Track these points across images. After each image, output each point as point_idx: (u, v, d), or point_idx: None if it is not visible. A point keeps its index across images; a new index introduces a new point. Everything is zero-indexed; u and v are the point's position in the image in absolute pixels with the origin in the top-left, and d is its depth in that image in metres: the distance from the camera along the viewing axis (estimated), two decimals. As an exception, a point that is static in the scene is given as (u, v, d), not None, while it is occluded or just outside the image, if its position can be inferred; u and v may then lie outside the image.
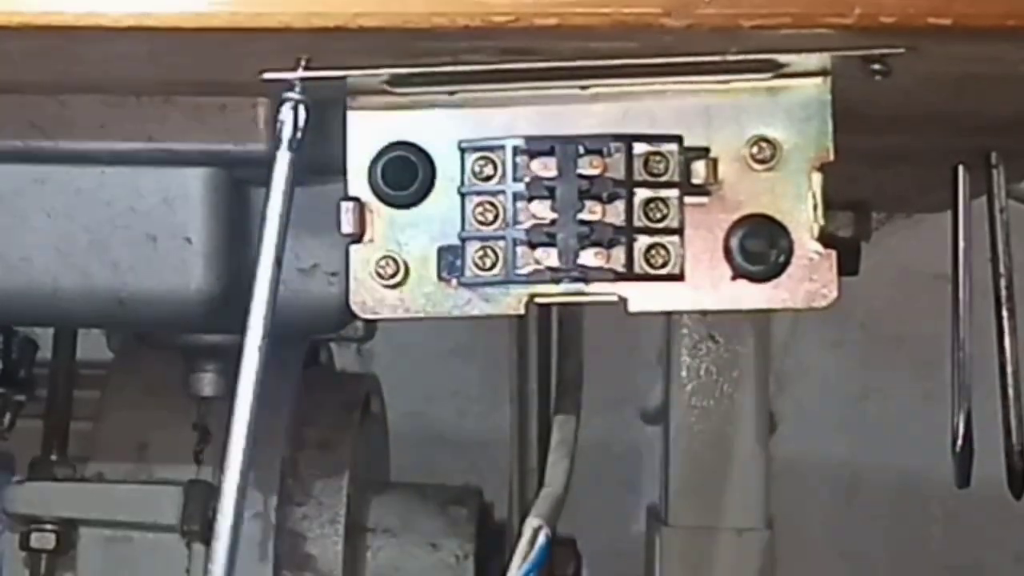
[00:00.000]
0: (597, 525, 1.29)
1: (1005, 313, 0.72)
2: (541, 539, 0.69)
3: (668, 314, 1.02)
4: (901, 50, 0.50)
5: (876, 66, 0.51)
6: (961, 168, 0.72)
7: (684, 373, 1.02)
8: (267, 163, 0.58)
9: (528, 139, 0.56)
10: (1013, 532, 1.43)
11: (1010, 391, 0.72)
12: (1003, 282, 0.72)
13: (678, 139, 0.56)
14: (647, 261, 0.56)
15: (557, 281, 0.56)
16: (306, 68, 0.53)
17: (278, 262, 0.54)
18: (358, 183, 0.57)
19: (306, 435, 1.02)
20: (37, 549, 0.99)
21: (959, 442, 0.73)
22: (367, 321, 1.08)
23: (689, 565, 1.02)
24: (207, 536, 0.99)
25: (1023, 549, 1.45)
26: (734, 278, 0.56)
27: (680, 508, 1.02)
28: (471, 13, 0.47)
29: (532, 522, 0.70)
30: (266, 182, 0.56)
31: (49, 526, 0.99)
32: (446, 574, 1.03)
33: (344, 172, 0.58)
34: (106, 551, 1.00)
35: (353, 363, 1.38)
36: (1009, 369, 0.72)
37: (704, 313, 1.01)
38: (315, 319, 0.72)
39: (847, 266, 0.97)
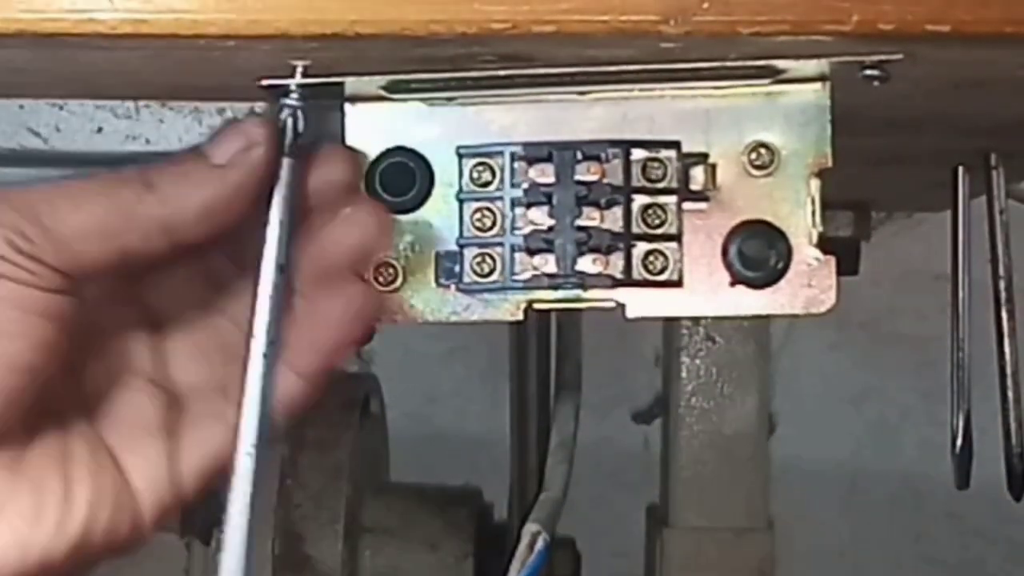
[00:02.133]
0: (597, 525, 1.29)
1: (1004, 314, 0.72)
2: (540, 544, 0.69)
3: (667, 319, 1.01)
4: (899, 56, 0.50)
5: (874, 72, 0.51)
6: (961, 169, 0.72)
7: (684, 374, 1.02)
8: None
9: (526, 145, 0.56)
10: (1013, 532, 1.43)
11: (1009, 393, 0.72)
12: (1002, 283, 0.72)
13: (676, 145, 0.56)
14: (645, 267, 0.56)
15: (555, 287, 0.56)
16: (304, 75, 0.53)
17: (281, 268, 0.54)
18: None
19: (305, 435, 1.02)
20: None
21: (958, 443, 0.73)
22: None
23: (689, 565, 1.02)
24: (206, 537, 0.99)
25: (1022, 549, 1.45)
26: (732, 284, 0.56)
27: (680, 509, 1.02)
28: (469, 20, 0.47)
29: (531, 527, 0.70)
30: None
31: (49, 527, 0.99)
32: (445, 574, 1.03)
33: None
34: (106, 552, 1.00)
35: (352, 364, 1.38)
36: (1009, 370, 0.72)
37: (702, 319, 1.01)
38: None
39: (847, 266, 0.97)
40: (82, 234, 0.51)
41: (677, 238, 0.56)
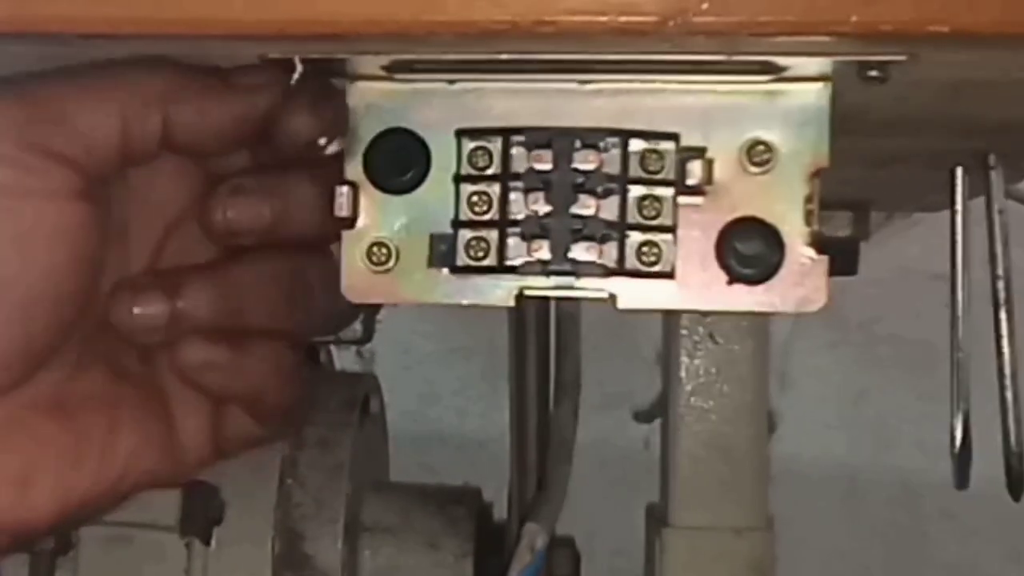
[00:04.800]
0: (596, 525, 1.30)
1: (1003, 315, 0.72)
2: (539, 544, 0.69)
3: (660, 313, 1.01)
4: (902, 58, 0.50)
5: (873, 73, 0.51)
6: (959, 169, 0.71)
7: (683, 373, 1.02)
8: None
9: (525, 131, 0.56)
10: (1010, 532, 1.43)
11: (1008, 393, 0.72)
12: (1001, 283, 0.72)
13: (675, 137, 0.56)
14: (639, 258, 0.56)
15: (548, 274, 0.56)
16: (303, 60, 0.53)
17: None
18: (354, 168, 0.57)
19: (305, 435, 1.02)
20: (37, 549, 0.99)
21: (957, 443, 0.73)
22: (364, 323, 1.08)
23: (689, 565, 1.02)
24: (206, 537, 0.99)
25: (1020, 549, 1.45)
26: (726, 280, 0.56)
27: (680, 508, 1.02)
28: (468, 21, 0.47)
29: (530, 527, 0.70)
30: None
31: (49, 526, 0.99)
32: (445, 573, 1.03)
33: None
34: (106, 551, 1.00)
35: (353, 363, 1.39)
36: (1007, 371, 0.72)
37: (697, 313, 1.01)
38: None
39: (846, 266, 0.97)
40: (103, 133, 0.52)
41: (672, 231, 0.56)
